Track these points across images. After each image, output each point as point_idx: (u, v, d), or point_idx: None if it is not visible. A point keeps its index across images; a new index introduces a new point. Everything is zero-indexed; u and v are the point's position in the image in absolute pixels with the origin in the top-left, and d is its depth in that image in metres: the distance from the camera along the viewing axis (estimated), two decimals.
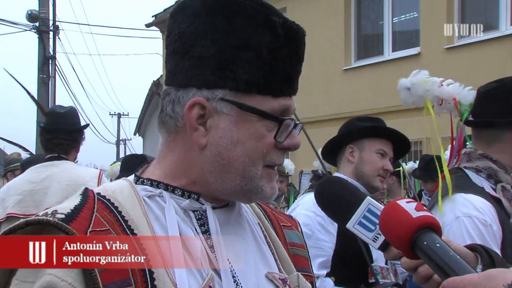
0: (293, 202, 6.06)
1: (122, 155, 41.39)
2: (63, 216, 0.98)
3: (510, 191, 2.27)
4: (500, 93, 2.34)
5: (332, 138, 3.05)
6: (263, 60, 1.07)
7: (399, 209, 1.00)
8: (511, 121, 2.26)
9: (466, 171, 2.31)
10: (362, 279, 2.71)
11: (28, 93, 5.34)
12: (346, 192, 1.14)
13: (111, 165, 8.51)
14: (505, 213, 2.21)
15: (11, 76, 4.18)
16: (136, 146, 52.75)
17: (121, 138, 43.98)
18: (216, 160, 1.08)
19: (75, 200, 1.06)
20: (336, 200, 1.15)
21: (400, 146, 2.98)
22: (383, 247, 1.10)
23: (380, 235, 1.08)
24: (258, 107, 1.07)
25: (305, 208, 2.75)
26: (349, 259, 2.71)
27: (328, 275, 2.70)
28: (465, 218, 2.12)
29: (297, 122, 1.14)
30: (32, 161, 5.67)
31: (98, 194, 1.09)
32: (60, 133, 3.48)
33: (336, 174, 3.01)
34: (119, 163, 6.33)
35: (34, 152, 9.20)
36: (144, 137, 30.04)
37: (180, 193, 1.12)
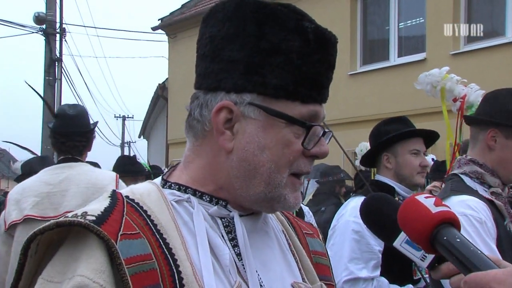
0: None
1: None
2: (93, 218, 0.97)
3: (502, 194, 2.33)
4: (491, 97, 2.42)
5: (367, 151, 3.32)
6: (293, 66, 1.05)
7: (418, 205, 0.99)
8: (491, 121, 2.31)
9: (461, 176, 2.38)
10: (408, 276, 2.89)
11: (43, 98, 5.45)
12: (392, 210, 1.10)
13: None
14: (499, 214, 2.27)
15: (30, 87, 4.24)
16: (140, 148, 52.79)
17: (125, 141, 44.07)
18: (242, 165, 1.07)
19: (104, 202, 1.04)
20: (383, 218, 1.11)
21: (429, 135, 3.17)
22: (432, 266, 1.06)
23: (428, 254, 1.03)
24: (286, 113, 1.06)
25: (354, 215, 2.88)
26: (395, 259, 2.87)
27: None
28: (460, 217, 2.15)
29: (326, 130, 1.12)
30: (32, 162, 5.65)
31: (127, 197, 1.07)
32: (75, 135, 3.45)
33: (377, 176, 3.20)
34: None
35: (39, 154, 9.22)
36: (149, 140, 30.03)
37: (208, 199, 1.11)
